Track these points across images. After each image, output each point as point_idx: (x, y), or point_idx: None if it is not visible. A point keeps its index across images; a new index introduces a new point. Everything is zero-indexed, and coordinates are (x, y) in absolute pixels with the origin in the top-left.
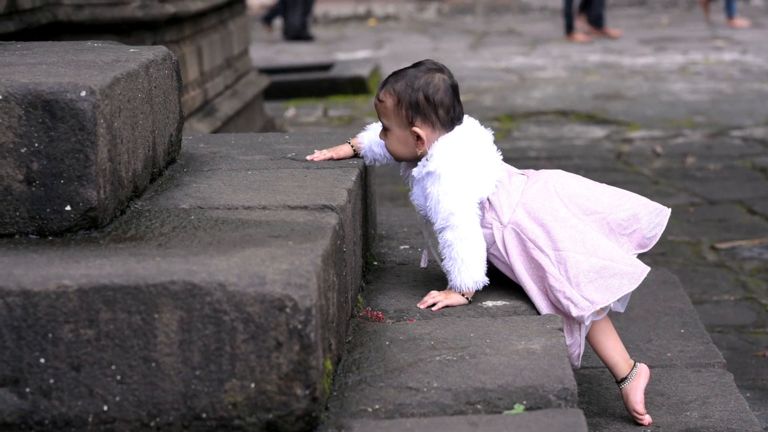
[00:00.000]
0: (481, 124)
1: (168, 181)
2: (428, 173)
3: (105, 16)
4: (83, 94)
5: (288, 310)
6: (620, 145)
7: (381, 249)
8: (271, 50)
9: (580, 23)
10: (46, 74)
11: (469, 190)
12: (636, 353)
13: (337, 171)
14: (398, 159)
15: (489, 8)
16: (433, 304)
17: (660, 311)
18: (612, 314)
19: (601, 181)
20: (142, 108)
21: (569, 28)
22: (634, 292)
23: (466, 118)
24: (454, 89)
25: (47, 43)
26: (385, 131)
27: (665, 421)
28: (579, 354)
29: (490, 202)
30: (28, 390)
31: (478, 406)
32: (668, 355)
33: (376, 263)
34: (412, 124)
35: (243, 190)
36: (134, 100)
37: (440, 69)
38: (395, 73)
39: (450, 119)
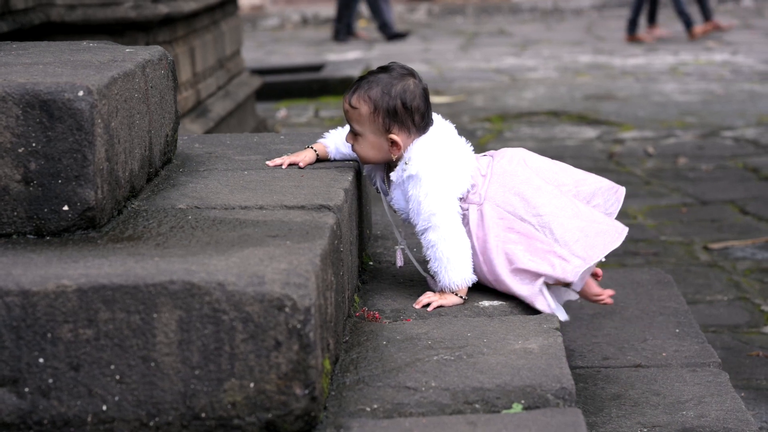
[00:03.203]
0: (473, 125)
1: (164, 181)
2: (409, 177)
3: (98, 17)
4: (81, 94)
5: (287, 309)
6: (612, 145)
7: (376, 249)
8: (261, 51)
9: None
10: (43, 74)
11: (448, 189)
12: (631, 353)
13: (333, 171)
14: (367, 162)
15: (479, 9)
16: (428, 304)
17: (655, 311)
18: (607, 314)
19: None
20: (139, 108)
21: (688, 26)
22: (628, 292)
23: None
24: (426, 93)
25: (43, 43)
26: (354, 135)
27: (661, 420)
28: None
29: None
30: (27, 390)
31: (477, 406)
32: (663, 354)
33: (371, 263)
34: (388, 131)
35: (240, 190)
36: (131, 100)
37: (411, 73)
38: (365, 79)
39: (425, 123)
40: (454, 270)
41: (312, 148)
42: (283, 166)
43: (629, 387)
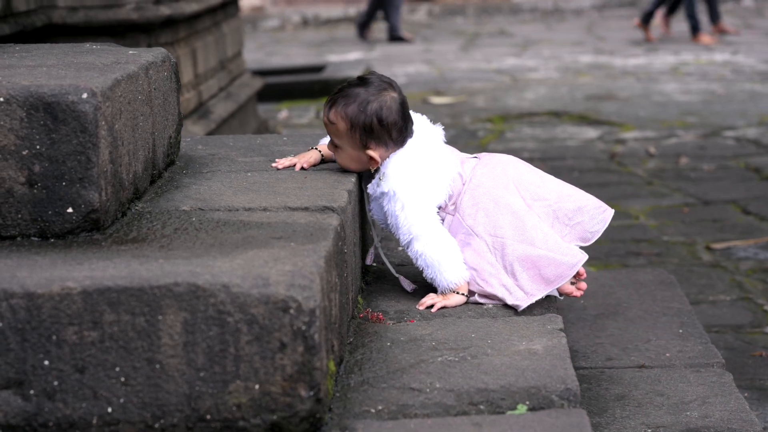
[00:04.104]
0: (474, 126)
1: (168, 183)
2: (382, 193)
3: (99, 19)
4: (85, 96)
5: (292, 311)
6: (613, 145)
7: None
8: (262, 52)
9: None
10: (47, 76)
11: (425, 201)
12: (635, 353)
13: (336, 172)
14: (348, 171)
15: (480, 9)
16: (432, 305)
17: (658, 311)
18: (611, 315)
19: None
20: (142, 110)
21: (695, 30)
22: (631, 292)
23: (416, 118)
24: (404, 105)
25: (45, 45)
26: (335, 146)
27: (665, 421)
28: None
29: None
30: (32, 392)
31: (481, 407)
32: (667, 355)
33: (375, 264)
34: (366, 147)
35: (243, 191)
36: (134, 101)
37: (390, 84)
38: (343, 93)
39: (402, 138)
40: (447, 270)
41: (317, 149)
42: (296, 169)
43: (633, 387)
